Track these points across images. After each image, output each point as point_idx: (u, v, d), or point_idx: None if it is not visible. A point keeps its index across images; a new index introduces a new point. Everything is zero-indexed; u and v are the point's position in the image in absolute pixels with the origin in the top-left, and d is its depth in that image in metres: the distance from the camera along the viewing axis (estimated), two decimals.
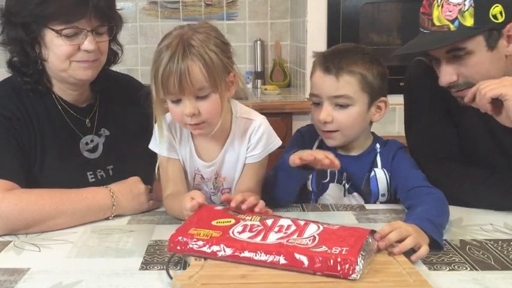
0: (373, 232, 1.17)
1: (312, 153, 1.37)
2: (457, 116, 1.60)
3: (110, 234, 1.37)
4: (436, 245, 1.22)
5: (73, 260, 1.23)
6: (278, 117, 2.81)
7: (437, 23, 1.43)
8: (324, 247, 1.09)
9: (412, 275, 1.06)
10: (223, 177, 1.51)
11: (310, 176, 1.57)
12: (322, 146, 1.61)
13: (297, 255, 1.08)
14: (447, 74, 1.46)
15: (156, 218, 1.48)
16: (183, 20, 3.54)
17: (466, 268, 1.15)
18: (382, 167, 1.57)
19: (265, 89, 3.36)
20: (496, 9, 1.39)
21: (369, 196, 1.58)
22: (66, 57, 1.47)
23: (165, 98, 1.36)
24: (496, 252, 1.23)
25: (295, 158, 1.37)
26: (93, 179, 1.59)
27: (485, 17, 1.40)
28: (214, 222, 1.20)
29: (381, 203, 1.58)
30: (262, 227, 1.19)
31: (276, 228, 1.18)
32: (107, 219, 1.47)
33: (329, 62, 1.51)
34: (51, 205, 1.39)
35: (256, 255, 1.10)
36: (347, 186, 1.59)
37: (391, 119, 2.96)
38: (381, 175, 1.57)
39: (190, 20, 3.53)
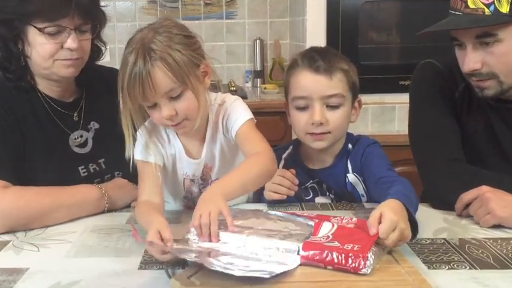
0: None
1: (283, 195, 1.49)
2: (460, 117, 1.59)
3: (109, 234, 1.36)
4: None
5: (72, 259, 1.23)
6: (277, 116, 2.79)
7: (471, 6, 1.40)
8: (336, 243, 1.11)
9: (411, 274, 1.06)
10: (210, 167, 1.48)
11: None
12: (287, 163, 1.60)
13: (309, 249, 1.09)
14: (472, 61, 1.44)
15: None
16: (183, 19, 3.52)
17: (466, 267, 1.15)
18: (353, 171, 1.57)
19: (265, 88, 3.36)
20: None
21: (354, 200, 1.58)
22: (50, 55, 1.48)
23: (137, 104, 1.33)
24: (495, 251, 1.22)
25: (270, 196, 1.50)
26: (86, 173, 1.60)
27: None
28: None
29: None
30: None
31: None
32: (103, 213, 1.49)
33: (318, 60, 1.50)
34: (49, 200, 1.42)
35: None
36: (332, 196, 1.60)
37: (391, 117, 2.96)
38: (354, 180, 1.57)
39: (190, 20, 3.54)
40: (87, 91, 1.66)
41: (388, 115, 2.96)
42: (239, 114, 1.42)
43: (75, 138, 1.61)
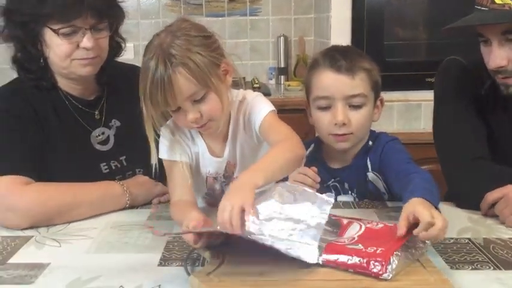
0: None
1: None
2: (486, 114, 1.56)
3: (130, 230, 1.37)
4: None
5: (92, 255, 1.24)
6: (301, 114, 2.77)
7: (498, 1, 1.38)
8: (360, 245, 1.09)
9: (433, 273, 1.04)
10: (233, 165, 1.47)
11: None
12: (309, 161, 1.55)
13: (332, 251, 1.08)
14: (498, 58, 1.41)
15: None
16: (206, 16, 3.54)
17: (490, 267, 1.12)
18: (372, 169, 1.55)
19: (289, 85, 3.35)
20: None
21: (376, 198, 1.57)
22: (66, 55, 1.49)
23: (159, 110, 1.32)
24: None
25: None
26: (107, 170, 1.61)
27: None
28: None
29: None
30: None
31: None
32: (124, 209, 1.50)
33: (340, 60, 1.48)
34: (70, 196, 1.44)
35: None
36: (354, 195, 1.58)
37: (417, 115, 2.92)
38: (373, 178, 1.55)
39: (214, 17, 3.54)
40: (109, 89, 1.67)
41: (413, 112, 2.93)
42: (261, 107, 1.40)
43: (97, 136, 1.62)
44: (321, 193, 1.53)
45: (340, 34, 2.85)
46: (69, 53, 1.49)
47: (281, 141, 1.31)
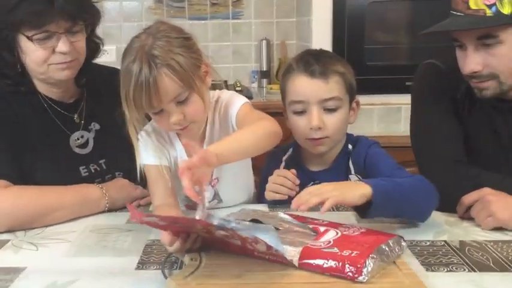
0: (399, 238, 1.17)
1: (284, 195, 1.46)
2: (462, 118, 1.58)
3: (108, 234, 1.36)
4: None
5: (70, 259, 1.23)
6: (283, 116, 2.78)
7: (473, 7, 1.39)
8: (335, 249, 1.09)
9: (408, 276, 1.06)
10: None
11: None
12: (288, 165, 1.58)
13: (308, 254, 1.08)
14: (472, 63, 1.43)
15: None
16: (189, 19, 3.54)
17: (465, 270, 1.13)
18: (355, 172, 1.56)
19: (271, 88, 3.36)
20: None
21: None
22: (43, 61, 1.48)
23: (143, 113, 1.33)
24: (496, 254, 1.21)
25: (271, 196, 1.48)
26: (87, 173, 1.60)
27: None
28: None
29: None
30: None
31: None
32: (103, 212, 1.50)
33: (314, 65, 1.50)
34: (49, 200, 1.43)
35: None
36: None
37: (397, 118, 2.95)
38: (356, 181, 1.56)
39: (196, 20, 3.54)
40: (88, 92, 1.66)
41: (393, 116, 2.95)
42: (235, 100, 1.42)
43: (76, 139, 1.61)
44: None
45: (321, 38, 2.87)
46: (45, 59, 1.47)
47: (256, 121, 1.31)
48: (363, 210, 1.25)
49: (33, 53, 1.47)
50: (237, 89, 3.25)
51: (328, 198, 1.18)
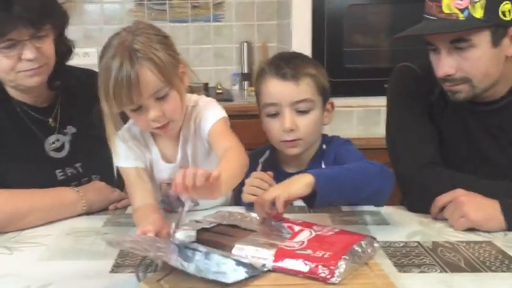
0: (372, 239, 1.18)
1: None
2: (437, 120, 1.60)
3: (85, 237, 1.36)
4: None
5: (45, 262, 1.22)
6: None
7: (446, 11, 1.41)
8: (309, 250, 1.10)
9: (380, 277, 1.07)
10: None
11: None
12: (264, 167, 1.58)
13: (281, 257, 1.09)
14: (446, 66, 1.45)
15: (132, 221, 1.46)
16: (170, 21, 3.54)
17: (436, 270, 1.15)
18: None
19: (252, 91, 3.35)
20: (506, 7, 1.39)
21: None
22: (10, 69, 1.46)
23: (124, 109, 1.33)
24: (468, 255, 1.23)
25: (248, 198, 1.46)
26: (63, 177, 1.59)
27: (495, 11, 1.39)
28: None
29: None
30: None
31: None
32: (80, 215, 1.49)
33: (284, 68, 1.52)
34: (24, 203, 1.42)
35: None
36: None
37: (376, 120, 2.97)
38: None
39: (178, 22, 3.54)
40: (62, 95, 1.65)
41: (373, 118, 2.97)
42: (212, 113, 1.43)
43: (51, 143, 1.60)
44: None
45: (301, 41, 2.88)
46: (12, 67, 1.45)
47: (228, 149, 1.33)
48: (312, 201, 1.27)
49: (0, 62, 1.45)
50: (218, 91, 3.26)
51: (274, 198, 1.21)
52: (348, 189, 1.31)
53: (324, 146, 1.61)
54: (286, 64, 1.52)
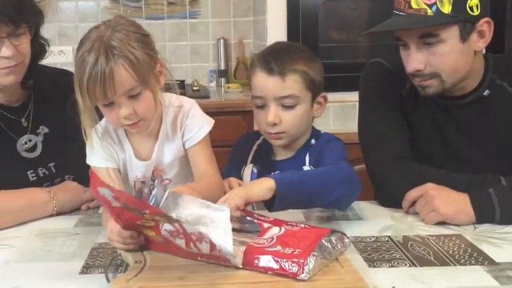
0: (342, 235, 1.17)
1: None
2: (408, 115, 1.61)
3: (55, 238, 1.35)
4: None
5: (13, 265, 1.21)
6: (240, 115, 2.80)
7: (414, 6, 1.41)
8: (278, 247, 1.10)
9: (350, 272, 1.07)
10: (161, 169, 1.48)
11: None
12: (257, 153, 1.60)
13: (251, 254, 1.09)
14: (415, 61, 1.45)
15: None
16: (146, 18, 3.51)
17: (406, 264, 1.16)
18: (309, 164, 1.57)
19: (228, 88, 3.36)
20: (473, 2, 1.40)
21: None
22: None
23: (96, 104, 1.32)
24: (437, 248, 1.24)
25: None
26: (35, 177, 1.58)
27: (462, 7, 1.39)
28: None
29: None
30: None
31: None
32: (52, 216, 1.48)
33: (272, 62, 1.50)
34: None
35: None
36: None
37: (352, 115, 2.96)
38: None
39: (154, 19, 3.52)
40: (36, 94, 1.63)
41: (349, 113, 2.98)
42: (200, 126, 1.43)
43: (23, 143, 1.59)
44: None
45: (276, 37, 2.84)
46: None
47: (210, 176, 1.39)
48: (272, 204, 1.28)
49: None
50: (195, 88, 3.24)
51: (234, 198, 1.22)
52: (309, 195, 1.32)
53: (313, 141, 1.61)
54: (274, 59, 1.51)
